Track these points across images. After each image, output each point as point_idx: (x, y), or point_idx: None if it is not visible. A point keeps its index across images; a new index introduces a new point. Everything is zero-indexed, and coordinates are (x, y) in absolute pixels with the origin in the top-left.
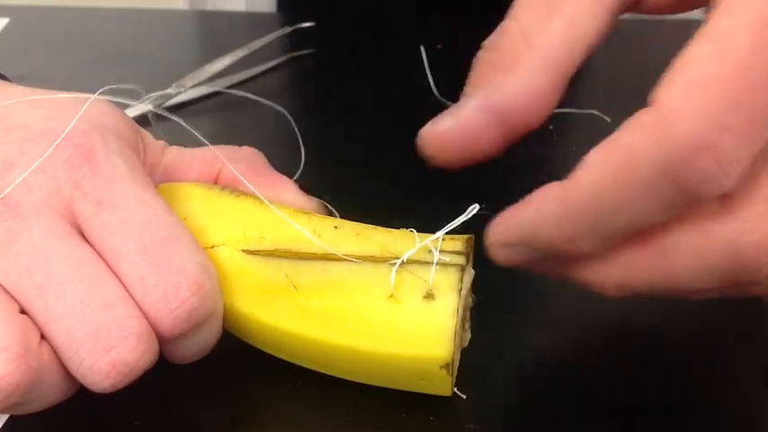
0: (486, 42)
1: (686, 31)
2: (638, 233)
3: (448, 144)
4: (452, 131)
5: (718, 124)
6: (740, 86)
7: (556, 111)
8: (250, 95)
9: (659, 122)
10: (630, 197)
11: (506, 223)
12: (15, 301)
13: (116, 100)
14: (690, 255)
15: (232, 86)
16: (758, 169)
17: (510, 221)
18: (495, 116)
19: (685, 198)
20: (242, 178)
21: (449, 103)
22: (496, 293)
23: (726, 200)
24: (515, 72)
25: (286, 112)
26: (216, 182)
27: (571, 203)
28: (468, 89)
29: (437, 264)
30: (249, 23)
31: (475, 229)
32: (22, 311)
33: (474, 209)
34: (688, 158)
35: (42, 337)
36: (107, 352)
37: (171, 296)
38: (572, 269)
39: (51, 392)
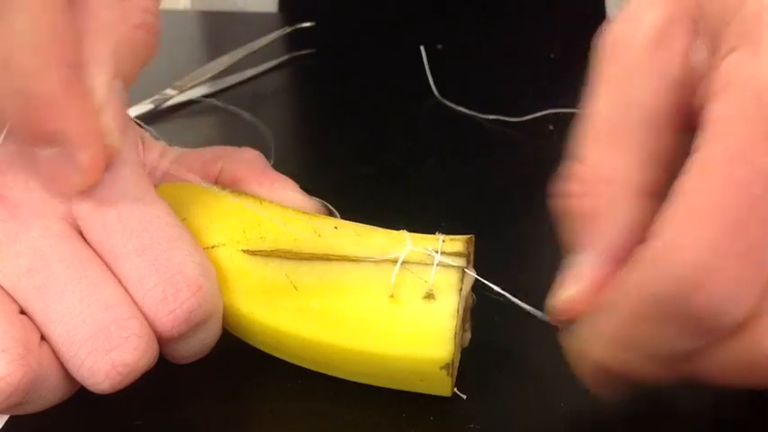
0: (564, 191)
1: None
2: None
3: (583, 309)
4: (583, 296)
5: (719, 252)
6: (738, 214)
7: (556, 111)
8: (234, 108)
9: (658, 257)
10: (652, 334)
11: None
12: (15, 301)
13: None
14: (720, 367)
15: (232, 86)
16: None
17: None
18: (616, 264)
19: (704, 326)
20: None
21: (448, 103)
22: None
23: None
24: (611, 215)
25: (275, 120)
26: (216, 182)
27: (604, 338)
28: (573, 249)
29: (437, 264)
30: (249, 23)
31: (475, 229)
32: (22, 312)
33: None
34: (691, 291)
35: (42, 337)
36: (107, 353)
37: (170, 297)
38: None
39: (51, 393)
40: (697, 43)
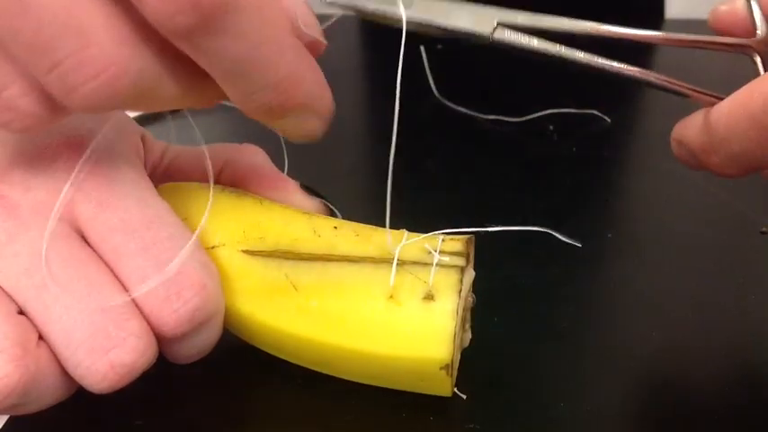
0: None
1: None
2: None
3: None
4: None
5: None
6: None
7: (556, 111)
8: (235, 108)
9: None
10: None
11: (677, 126)
12: (13, 301)
13: None
14: None
15: None
16: None
17: (678, 126)
18: None
19: None
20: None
21: (449, 103)
22: (497, 293)
23: None
24: None
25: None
26: (217, 182)
27: (706, 129)
28: None
29: (437, 264)
30: None
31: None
32: (20, 312)
33: None
34: None
35: (40, 337)
36: (105, 353)
37: (174, 296)
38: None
39: (50, 393)
40: None
